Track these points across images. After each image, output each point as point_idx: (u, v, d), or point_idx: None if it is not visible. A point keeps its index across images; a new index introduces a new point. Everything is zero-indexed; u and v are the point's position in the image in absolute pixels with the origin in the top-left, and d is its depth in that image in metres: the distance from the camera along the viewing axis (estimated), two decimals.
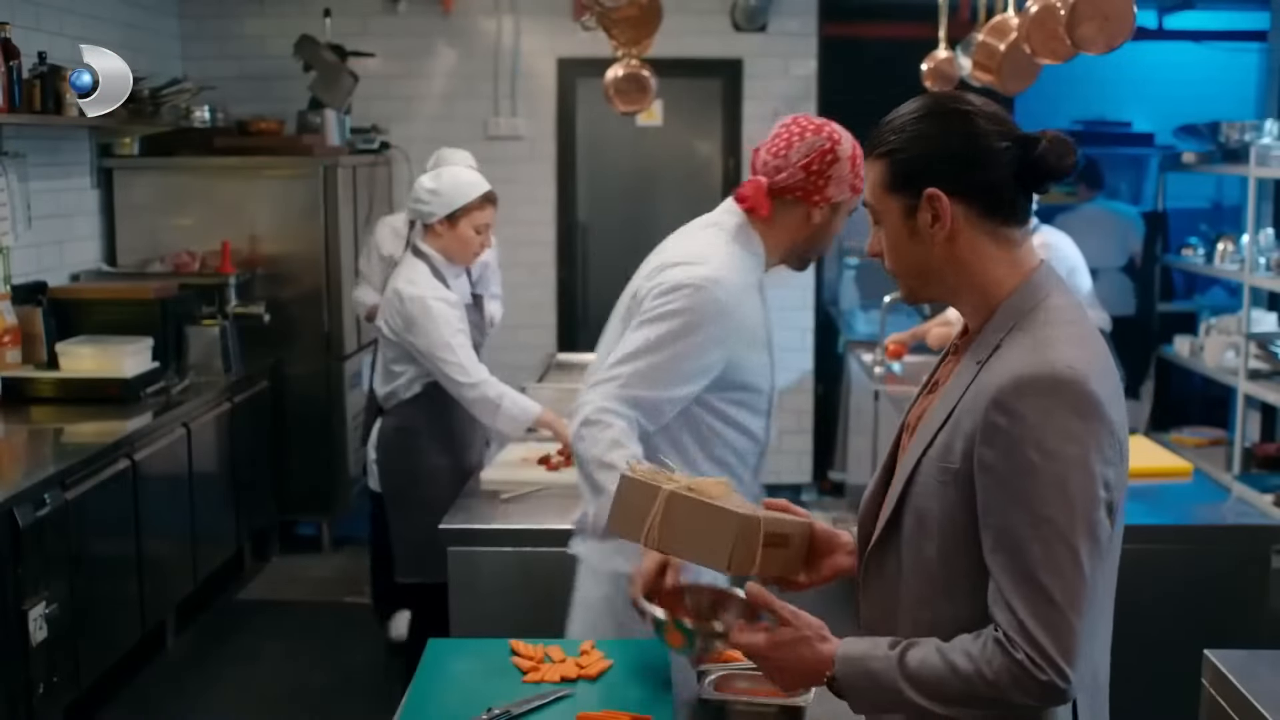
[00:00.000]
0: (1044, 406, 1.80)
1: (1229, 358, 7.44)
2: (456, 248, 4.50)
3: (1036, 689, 1.79)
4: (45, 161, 5.97)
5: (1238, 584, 4.01)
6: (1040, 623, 1.78)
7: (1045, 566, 1.78)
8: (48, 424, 5.13)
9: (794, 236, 3.06)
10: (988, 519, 1.84)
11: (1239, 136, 7.54)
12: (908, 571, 1.98)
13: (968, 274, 1.97)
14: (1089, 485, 1.80)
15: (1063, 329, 1.89)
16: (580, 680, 2.61)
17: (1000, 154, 1.93)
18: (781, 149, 3.02)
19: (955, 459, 1.89)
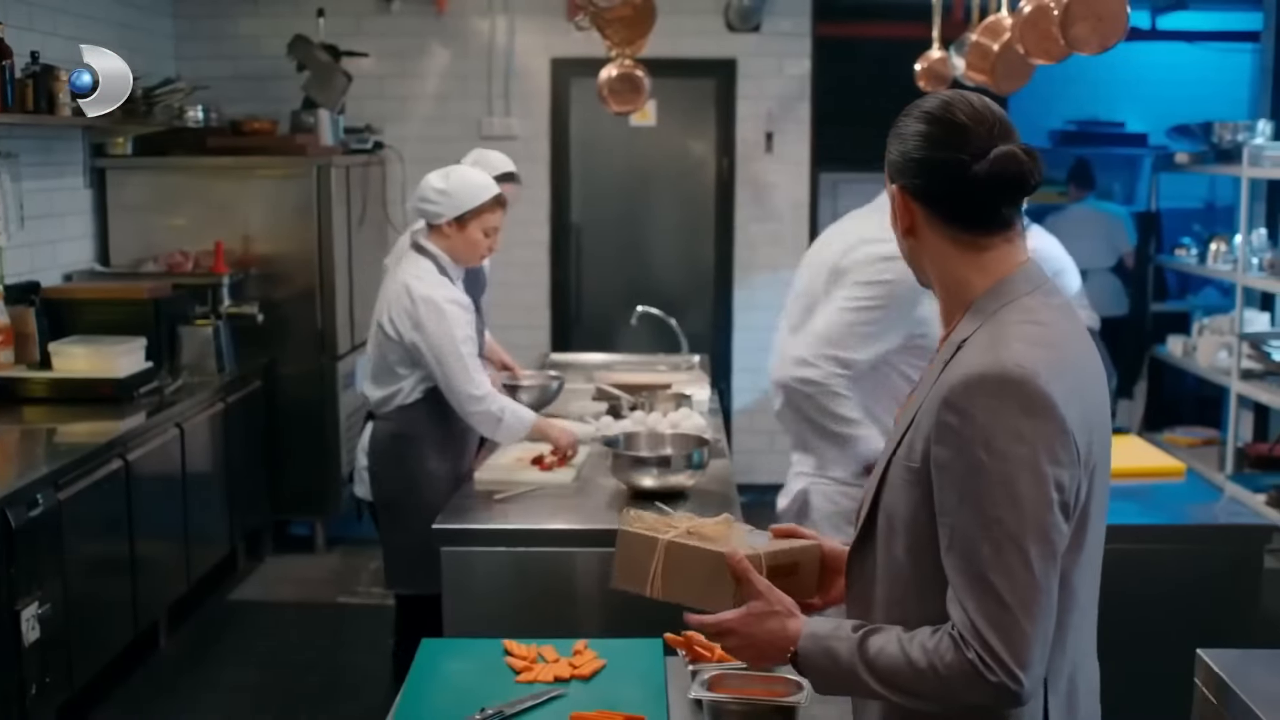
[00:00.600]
0: (992, 406, 1.79)
1: (1222, 358, 7.45)
2: (463, 249, 4.36)
3: (987, 690, 1.78)
4: (38, 161, 5.96)
5: (1230, 584, 4.01)
6: (991, 624, 1.77)
7: (995, 567, 1.77)
8: (40, 424, 5.13)
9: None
10: (943, 518, 1.84)
11: (1232, 137, 7.55)
12: (881, 572, 1.98)
13: (936, 271, 1.99)
14: (1038, 486, 1.78)
15: (1023, 327, 1.87)
16: (573, 680, 2.62)
17: (954, 167, 1.91)
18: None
19: (916, 458, 1.89)
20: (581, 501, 3.96)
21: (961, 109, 1.93)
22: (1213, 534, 4.12)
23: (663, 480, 3.92)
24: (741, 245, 8.15)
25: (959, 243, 1.95)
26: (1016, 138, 1.93)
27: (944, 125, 1.92)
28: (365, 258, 7.11)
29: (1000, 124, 1.93)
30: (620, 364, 6.26)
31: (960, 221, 1.94)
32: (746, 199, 8.11)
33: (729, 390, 8.10)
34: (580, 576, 3.71)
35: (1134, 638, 3.70)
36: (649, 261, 8.26)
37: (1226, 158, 7.53)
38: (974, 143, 1.90)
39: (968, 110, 1.93)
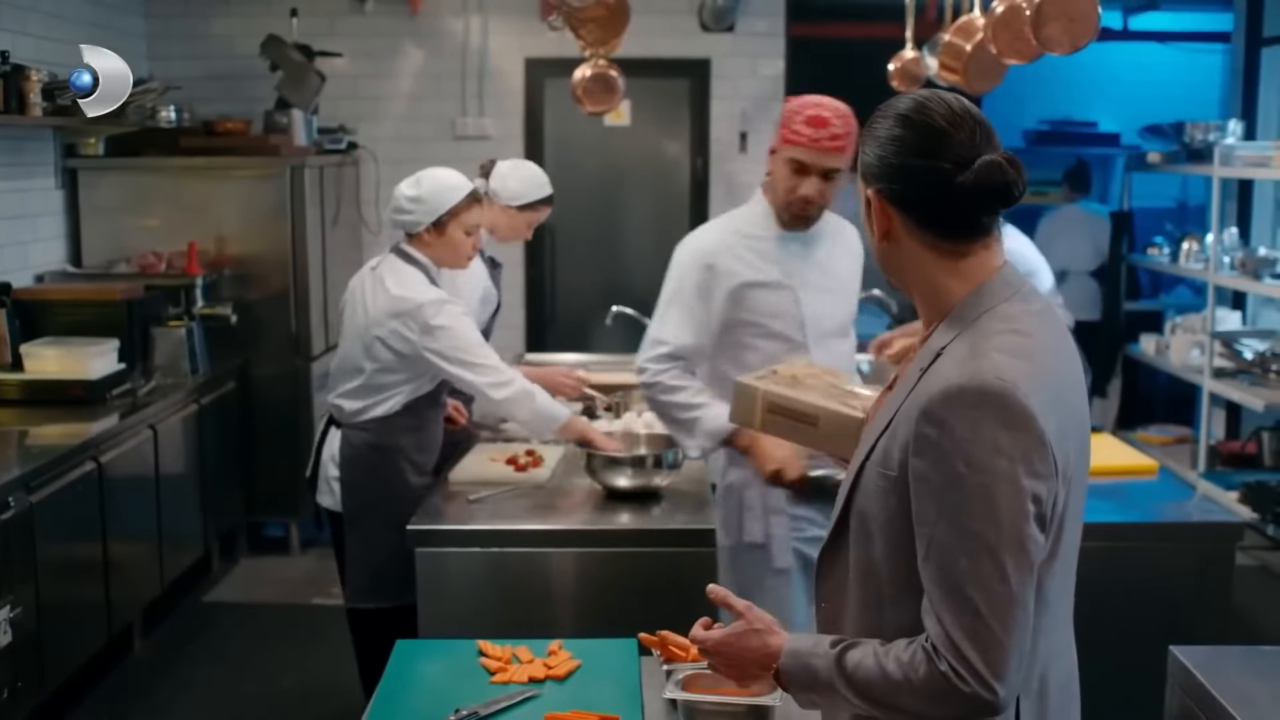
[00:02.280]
0: (972, 419, 1.77)
1: (1194, 356, 7.49)
2: (447, 253, 4.24)
3: (961, 702, 1.78)
4: (8, 161, 5.93)
5: (1203, 581, 4.03)
6: (967, 635, 1.76)
7: (972, 580, 1.76)
8: (12, 426, 5.09)
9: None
10: (920, 528, 1.83)
11: (1203, 136, 7.61)
12: (854, 574, 1.97)
13: (914, 277, 1.96)
14: (1016, 499, 1.77)
15: (1003, 338, 1.85)
16: (548, 681, 2.62)
17: (934, 174, 1.88)
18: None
19: (893, 466, 1.87)
20: (556, 501, 3.96)
21: (938, 111, 1.90)
22: (1185, 531, 4.14)
23: (637, 480, 3.92)
24: None
25: (937, 250, 1.92)
26: (997, 142, 1.91)
27: (921, 130, 1.89)
28: (339, 258, 7.10)
29: (980, 127, 1.90)
30: (595, 364, 6.25)
31: (939, 229, 1.92)
32: (720, 199, 8.11)
33: None
34: (555, 577, 3.71)
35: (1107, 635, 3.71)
36: (623, 261, 8.26)
37: (1198, 157, 7.58)
38: (954, 149, 1.87)
39: (945, 113, 1.89)
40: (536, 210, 4.94)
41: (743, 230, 3.79)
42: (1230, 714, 2.55)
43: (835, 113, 3.61)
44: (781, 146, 3.63)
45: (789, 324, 3.74)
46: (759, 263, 3.74)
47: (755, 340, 3.74)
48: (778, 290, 3.74)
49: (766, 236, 3.76)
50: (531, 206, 4.91)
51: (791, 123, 3.58)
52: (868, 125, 1.98)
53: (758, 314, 3.74)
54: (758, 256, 3.74)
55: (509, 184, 4.88)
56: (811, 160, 3.59)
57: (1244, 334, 7.50)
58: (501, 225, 4.92)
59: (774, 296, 3.74)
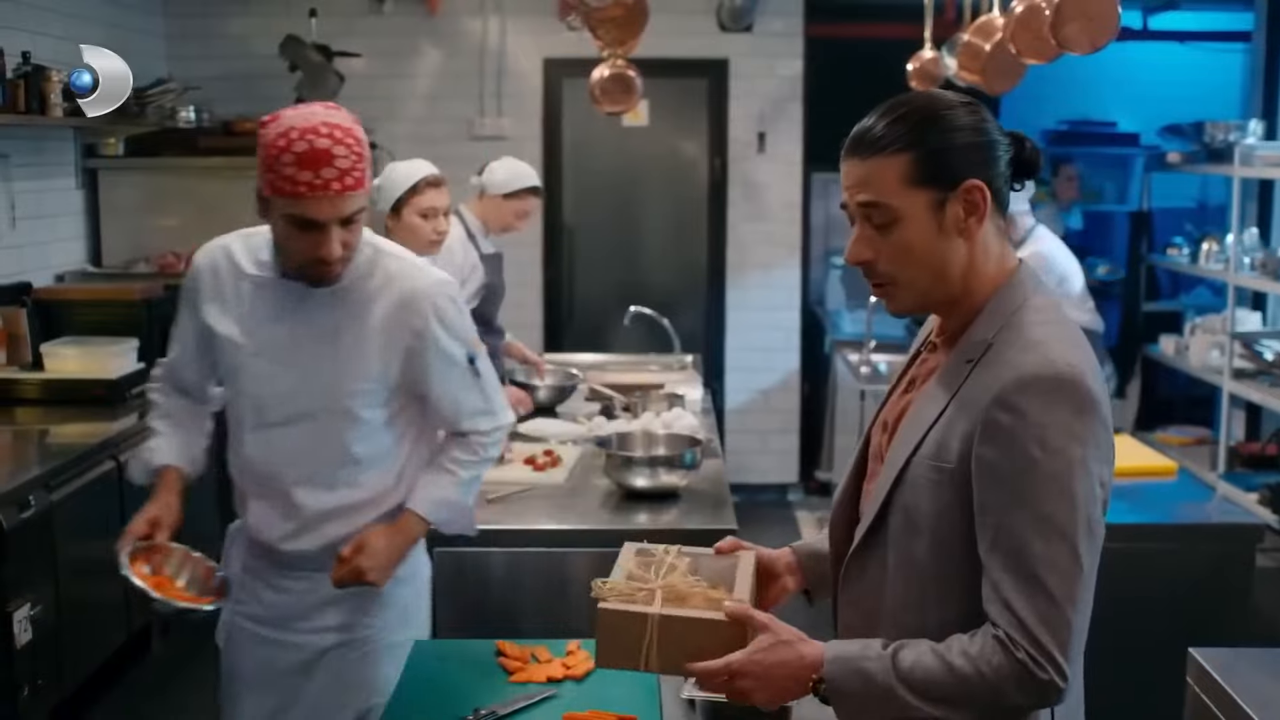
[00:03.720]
0: (1047, 404, 1.80)
1: (1214, 357, 7.46)
2: (409, 238, 4.16)
3: (1037, 688, 1.78)
4: (29, 162, 5.95)
5: (1222, 582, 4.02)
6: (1041, 620, 1.77)
7: (1045, 564, 1.78)
8: (32, 425, 5.12)
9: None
10: (986, 517, 1.83)
11: (1223, 136, 7.57)
12: (893, 573, 1.95)
13: (972, 271, 1.94)
14: (1089, 483, 1.81)
15: (1055, 328, 1.90)
16: (566, 680, 2.62)
17: (1001, 149, 1.94)
18: None
19: (951, 458, 1.87)
20: (574, 502, 3.96)
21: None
22: (1205, 533, 4.13)
23: (655, 480, 3.92)
24: (734, 245, 8.15)
25: (999, 230, 1.97)
26: None
27: (981, 112, 1.95)
28: None
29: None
30: (613, 364, 6.27)
31: (1004, 204, 1.97)
32: (738, 199, 8.11)
33: (721, 390, 8.11)
34: (573, 577, 3.70)
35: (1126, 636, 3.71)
36: (641, 261, 8.27)
37: (1218, 157, 7.54)
38: (999, 126, 1.97)
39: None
40: (522, 199, 5.21)
41: (252, 259, 2.84)
42: (1249, 716, 2.55)
43: (335, 134, 2.57)
44: (272, 197, 2.59)
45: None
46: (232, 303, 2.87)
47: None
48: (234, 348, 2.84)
49: (261, 278, 2.82)
50: (517, 195, 5.18)
51: (278, 166, 2.54)
52: (930, 120, 1.90)
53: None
54: (233, 295, 2.86)
55: (496, 175, 5.22)
56: (318, 215, 2.57)
57: (1264, 335, 7.46)
58: (491, 216, 5.23)
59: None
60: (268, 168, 2.54)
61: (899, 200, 1.89)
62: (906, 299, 1.97)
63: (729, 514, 3.81)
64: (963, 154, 1.90)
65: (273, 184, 2.54)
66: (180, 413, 3.07)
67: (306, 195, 2.53)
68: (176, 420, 3.06)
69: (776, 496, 8.33)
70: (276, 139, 2.53)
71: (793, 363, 8.28)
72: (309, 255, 2.62)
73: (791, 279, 8.21)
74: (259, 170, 2.56)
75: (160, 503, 2.89)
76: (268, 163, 2.54)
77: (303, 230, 2.58)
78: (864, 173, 1.92)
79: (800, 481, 8.35)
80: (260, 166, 2.56)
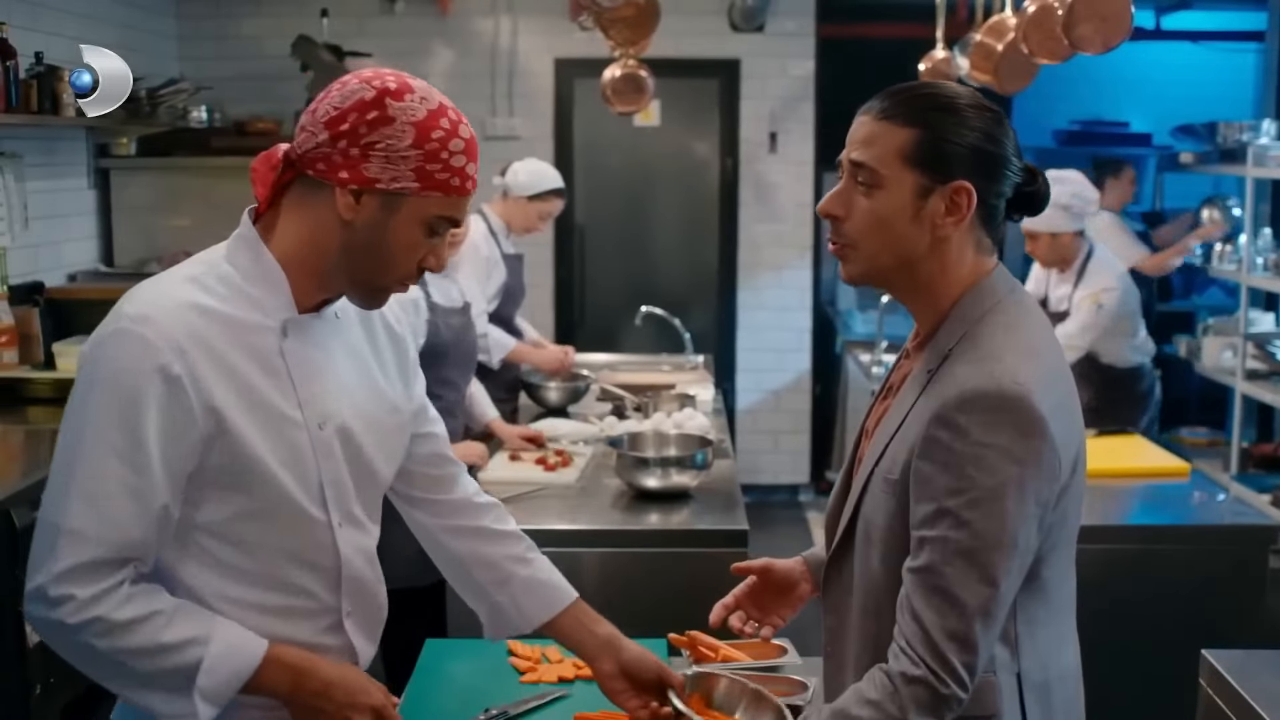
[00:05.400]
0: (986, 423, 1.77)
1: (1226, 358, 7.44)
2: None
3: (941, 705, 1.78)
4: (42, 162, 5.96)
5: (1235, 584, 4.01)
6: (950, 638, 1.77)
7: (963, 584, 1.77)
8: (44, 424, 5.12)
9: (321, 245, 1.96)
10: (915, 530, 1.82)
11: (1236, 137, 7.54)
12: (858, 582, 1.98)
13: (939, 273, 1.92)
14: (1022, 504, 1.78)
15: (1011, 337, 1.86)
16: (577, 680, 2.62)
17: (1017, 176, 1.92)
18: (317, 104, 1.98)
19: (896, 471, 1.87)
20: (585, 502, 3.96)
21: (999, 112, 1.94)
22: (1218, 534, 4.11)
23: (666, 481, 3.91)
24: (745, 245, 8.15)
25: (980, 248, 1.93)
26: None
27: (1004, 125, 1.92)
28: None
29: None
30: (624, 364, 6.27)
31: (995, 226, 1.94)
32: (750, 199, 8.11)
33: (733, 390, 8.11)
34: (584, 577, 3.69)
35: (1138, 637, 3.70)
36: (653, 262, 8.27)
37: (1231, 158, 7.52)
38: (1018, 150, 1.94)
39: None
40: (546, 201, 5.37)
41: (223, 311, 1.95)
42: (1262, 717, 2.54)
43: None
44: (420, 194, 1.89)
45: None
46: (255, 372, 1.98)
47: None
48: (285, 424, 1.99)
49: (266, 327, 1.97)
50: (541, 197, 5.35)
51: (444, 155, 1.90)
52: (932, 112, 1.90)
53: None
54: (253, 360, 1.97)
55: (519, 177, 5.36)
56: (457, 213, 1.96)
57: (1277, 336, 7.43)
58: (514, 217, 5.39)
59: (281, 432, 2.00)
60: (428, 155, 1.88)
61: (888, 170, 1.88)
62: (858, 267, 1.95)
63: (740, 514, 3.81)
64: (965, 154, 1.87)
65: (431, 176, 1.89)
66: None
67: (471, 191, 1.96)
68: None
69: (788, 497, 8.32)
70: (434, 118, 1.91)
71: (804, 363, 8.28)
72: (412, 267, 1.97)
73: (803, 279, 8.21)
74: (387, 157, 1.87)
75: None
76: (428, 149, 1.88)
77: (431, 236, 1.94)
78: (868, 132, 1.91)
79: (811, 482, 8.34)
80: (394, 153, 1.87)
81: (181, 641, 1.87)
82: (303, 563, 2.01)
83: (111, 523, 1.84)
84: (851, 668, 1.99)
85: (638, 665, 2.24)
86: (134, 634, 1.86)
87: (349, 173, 1.87)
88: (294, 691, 1.95)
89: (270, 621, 1.98)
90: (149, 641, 1.86)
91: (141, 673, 1.90)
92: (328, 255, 1.94)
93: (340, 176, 1.88)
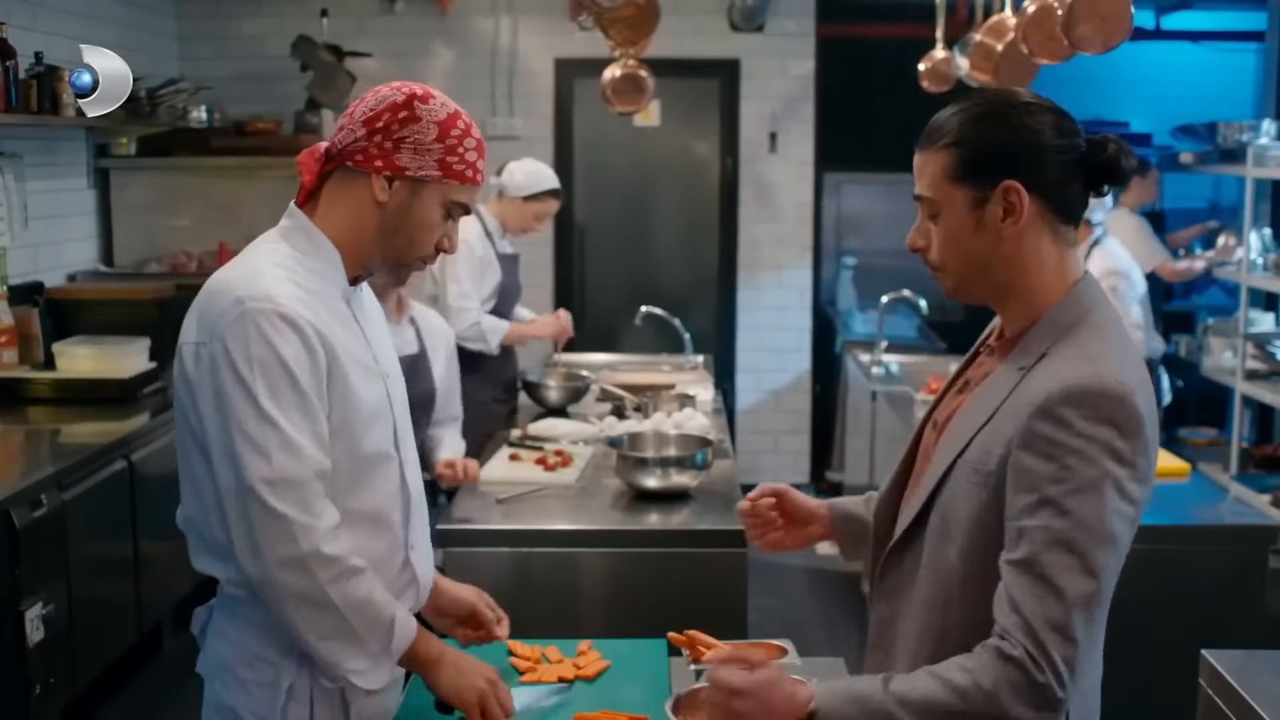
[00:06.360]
0: (1090, 417, 1.81)
1: (1227, 358, 7.44)
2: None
3: (1034, 693, 1.78)
4: (42, 162, 5.96)
5: (1235, 584, 4.01)
6: (1049, 625, 1.78)
7: (1063, 572, 1.79)
8: (44, 425, 5.12)
9: (358, 222, 2.31)
10: (1013, 521, 1.84)
11: (1236, 137, 7.55)
12: (925, 571, 1.99)
13: (1022, 273, 1.97)
14: (1121, 500, 1.82)
15: (1111, 343, 1.91)
16: (577, 681, 2.62)
17: (1073, 152, 1.95)
18: (354, 108, 2.34)
19: (991, 464, 1.89)
20: (585, 502, 3.96)
21: (1042, 100, 2.00)
22: (1218, 534, 4.12)
23: (666, 481, 3.91)
24: (745, 245, 8.15)
25: (1057, 238, 1.97)
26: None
27: (1055, 113, 1.96)
28: None
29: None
30: (624, 364, 6.27)
31: (1067, 211, 1.97)
32: (750, 199, 8.11)
33: (733, 390, 8.10)
34: (584, 577, 3.71)
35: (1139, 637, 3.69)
36: (653, 262, 8.27)
37: (1231, 158, 7.53)
38: (1076, 129, 1.97)
39: (1047, 101, 2.00)
40: (542, 202, 5.37)
41: (306, 283, 2.27)
42: (1261, 717, 2.54)
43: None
44: (441, 181, 2.28)
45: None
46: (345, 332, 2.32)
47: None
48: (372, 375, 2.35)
49: (336, 294, 2.33)
50: (536, 198, 5.34)
51: (461, 149, 2.30)
52: (958, 129, 1.96)
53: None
54: (340, 322, 2.31)
55: (515, 177, 5.36)
56: (469, 200, 2.35)
57: (1277, 336, 7.44)
58: (510, 217, 5.38)
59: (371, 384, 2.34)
60: (448, 149, 2.26)
61: (940, 194, 1.98)
62: (952, 286, 2.04)
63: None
64: (1003, 155, 1.93)
65: (450, 167, 2.26)
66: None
67: (480, 183, 2.34)
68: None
69: None
70: (453, 119, 2.30)
71: (804, 363, 8.27)
72: (430, 248, 2.33)
73: (803, 279, 8.21)
74: (415, 149, 2.24)
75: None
76: (448, 144, 2.26)
77: (447, 220, 2.32)
78: (920, 164, 2.01)
79: (811, 482, 8.33)
80: (420, 146, 2.25)
81: (385, 600, 2.24)
82: (387, 497, 2.34)
83: (309, 459, 2.16)
84: (905, 659, 2.00)
85: (452, 606, 2.61)
86: (360, 583, 2.19)
87: (383, 161, 2.25)
88: (440, 658, 2.33)
89: (373, 555, 2.27)
90: (367, 594, 2.20)
91: (355, 626, 2.20)
92: (365, 234, 2.30)
93: (376, 165, 2.25)
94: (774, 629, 3.29)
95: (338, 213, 2.31)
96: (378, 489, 2.32)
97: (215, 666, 2.40)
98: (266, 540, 2.14)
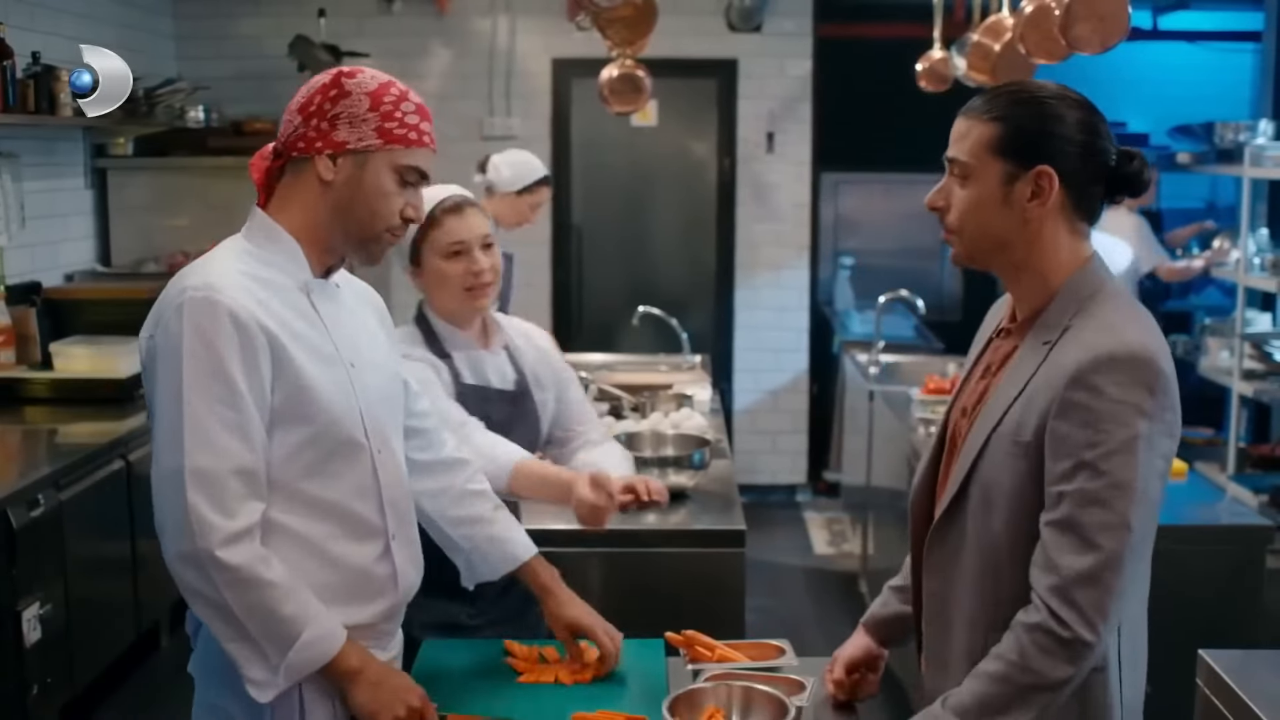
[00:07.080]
0: (1123, 383, 1.93)
1: (1224, 358, 7.44)
2: (441, 291, 3.33)
3: (1065, 650, 1.91)
4: (39, 161, 5.96)
5: (1232, 584, 4.02)
6: (1082, 579, 1.90)
7: (1100, 529, 1.90)
8: (42, 424, 5.13)
9: (312, 208, 2.30)
10: (1052, 487, 1.95)
11: (1233, 137, 7.55)
12: (971, 543, 2.08)
13: (1038, 254, 2.08)
14: (1152, 461, 1.94)
15: (1130, 312, 2.04)
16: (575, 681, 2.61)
17: (1106, 158, 2.06)
18: (291, 102, 2.36)
19: (1028, 434, 1.99)
20: None
21: (1089, 102, 2.10)
22: (1215, 534, 4.13)
23: (663, 481, 3.90)
24: (743, 245, 8.15)
25: (1074, 230, 2.09)
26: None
27: (1095, 115, 2.07)
28: None
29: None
30: (621, 364, 6.26)
31: (1087, 208, 2.09)
32: (748, 199, 8.11)
33: (730, 390, 8.10)
34: (581, 576, 3.69)
35: None
36: (650, 262, 8.27)
37: (1228, 158, 7.53)
38: (1111, 136, 2.09)
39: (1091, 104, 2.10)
40: (535, 192, 5.36)
41: (259, 274, 2.28)
42: (1259, 717, 2.54)
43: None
44: (384, 149, 2.27)
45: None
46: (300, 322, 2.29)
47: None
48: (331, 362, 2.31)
49: (291, 285, 2.31)
50: (529, 189, 5.33)
51: (399, 113, 2.29)
52: (1016, 107, 2.07)
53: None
54: (296, 313, 2.29)
55: (503, 172, 5.31)
56: (428, 168, 2.37)
57: (1274, 336, 7.44)
58: (504, 213, 5.28)
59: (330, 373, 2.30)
60: (384, 116, 2.25)
61: (977, 161, 2.07)
62: (964, 252, 2.14)
63: (737, 514, 3.81)
64: (1048, 142, 2.04)
65: (390, 133, 2.25)
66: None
67: (429, 145, 2.32)
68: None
69: (785, 497, 8.32)
70: (385, 88, 2.28)
71: (801, 363, 8.27)
72: (394, 217, 2.30)
73: (800, 279, 8.21)
74: (350, 122, 2.24)
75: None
76: (383, 110, 2.25)
77: (403, 187, 2.29)
78: (962, 129, 2.11)
79: (809, 482, 8.34)
80: (355, 119, 2.24)
81: (297, 615, 2.16)
82: (356, 487, 2.31)
83: (226, 454, 2.14)
84: (964, 626, 2.10)
85: (570, 622, 2.68)
86: (264, 594, 2.14)
87: (323, 142, 2.25)
88: (358, 671, 2.23)
89: (340, 546, 2.29)
90: (271, 606, 2.15)
91: (253, 634, 2.16)
92: (320, 217, 2.30)
93: (316, 147, 2.26)
94: (772, 629, 3.29)
95: (292, 204, 2.32)
96: (344, 477, 2.30)
97: (206, 666, 2.39)
98: (169, 530, 2.19)
